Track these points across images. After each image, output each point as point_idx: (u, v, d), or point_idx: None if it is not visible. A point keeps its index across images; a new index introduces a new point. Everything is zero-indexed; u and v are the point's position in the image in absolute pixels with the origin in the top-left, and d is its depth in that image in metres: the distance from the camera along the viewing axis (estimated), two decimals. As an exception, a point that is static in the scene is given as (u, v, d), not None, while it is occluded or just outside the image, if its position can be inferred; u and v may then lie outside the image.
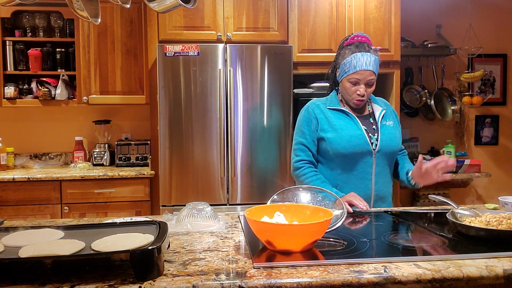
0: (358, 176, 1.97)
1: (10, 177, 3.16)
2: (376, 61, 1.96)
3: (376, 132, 1.99)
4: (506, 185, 4.17)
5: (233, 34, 3.24)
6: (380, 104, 2.09)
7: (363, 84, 1.94)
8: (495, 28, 4.15)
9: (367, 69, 1.92)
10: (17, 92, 3.54)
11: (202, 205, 1.69)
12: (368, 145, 1.95)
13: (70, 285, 1.07)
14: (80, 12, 1.62)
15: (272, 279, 1.12)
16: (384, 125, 2.02)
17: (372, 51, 1.97)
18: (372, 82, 1.96)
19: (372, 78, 1.95)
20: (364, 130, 1.98)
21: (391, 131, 2.02)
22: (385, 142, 1.98)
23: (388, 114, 2.08)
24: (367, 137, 1.97)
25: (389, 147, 1.99)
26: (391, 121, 2.05)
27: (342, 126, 1.98)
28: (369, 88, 1.97)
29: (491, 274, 1.16)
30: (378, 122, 2.01)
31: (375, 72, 1.96)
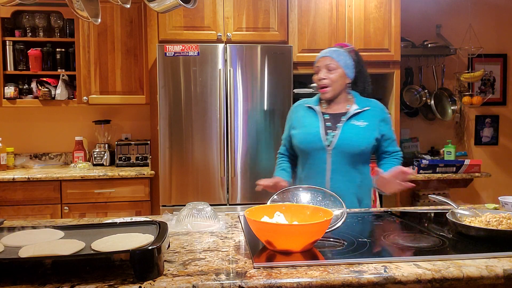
0: (314, 172, 2.03)
1: (10, 177, 3.16)
2: (339, 51, 2.02)
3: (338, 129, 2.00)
4: (506, 185, 4.17)
5: (233, 34, 3.24)
6: (363, 104, 2.06)
7: (323, 70, 2.01)
8: (495, 28, 4.15)
9: (324, 55, 2.02)
10: (17, 92, 3.53)
11: (202, 205, 1.69)
12: (321, 142, 1.99)
13: (70, 285, 1.07)
14: (80, 12, 1.62)
15: (272, 279, 1.12)
16: (351, 124, 2.01)
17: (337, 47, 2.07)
18: (332, 67, 2.00)
19: (331, 63, 2.00)
20: (323, 127, 2.01)
21: (357, 131, 1.99)
22: (342, 141, 1.98)
23: (367, 115, 2.04)
24: (323, 134, 2.00)
25: (347, 145, 1.97)
26: (365, 122, 2.02)
27: (306, 123, 2.07)
28: (330, 73, 2.00)
29: (491, 274, 1.16)
30: (345, 120, 2.01)
31: (335, 59, 2.00)
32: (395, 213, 1.89)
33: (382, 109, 2.11)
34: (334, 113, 2.05)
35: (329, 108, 2.07)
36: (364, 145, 2.00)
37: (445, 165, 3.57)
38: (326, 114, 2.05)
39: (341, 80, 2.02)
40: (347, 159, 1.98)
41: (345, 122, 2.00)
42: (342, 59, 2.01)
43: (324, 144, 1.99)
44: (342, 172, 1.99)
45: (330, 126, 2.01)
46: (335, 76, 2.00)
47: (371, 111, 2.06)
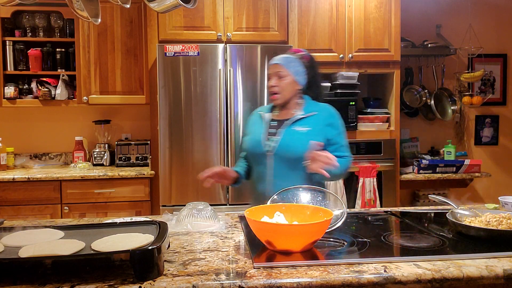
0: (259, 176, 2.07)
1: (10, 177, 3.16)
2: (290, 59, 2.04)
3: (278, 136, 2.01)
4: (506, 185, 4.17)
5: (233, 34, 3.24)
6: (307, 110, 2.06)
7: (274, 77, 2.03)
8: (495, 28, 4.15)
9: (275, 62, 2.04)
10: (17, 92, 3.53)
11: (202, 205, 1.70)
12: (261, 148, 2.01)
13: (70, 285, 1.07)
14: (80, 12, 1.62)
15: (272, 279, 1.12)
16: (292, 130, 2.01)
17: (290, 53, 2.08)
18: (282, 75, 2.01)
19: (281, 71, 2.01)
20: (266, 133, 2.04)
21: (297, 136, 1.98)
22: (282, 147, 1.98)
23: (312, 120, 2.03)
24: (264, 140, 2.02)
25: (286, 151, 1.97)
26: (308, 127, 2.01)
27: (253, 130, 2.13)
28: (280, 81, 2.02)
29: (491, 274, 1.16)
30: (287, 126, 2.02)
31: (285, 66, 2.01)
32: (395, 213, 1.89)
33: (331, 114, 2.08)
34: (280, 119, 2.07)
35: (279, 115, 2.09)
36: (304, 150, 1.95)
37: (445, 165, 3.57)
38: (274, 121, 2.08)
39: (291, 87, 2.03)
40: (287, 164, 1.98)
41: (286, 128, 2.01)
42: (292, 66, 2.03)
43: (265, 150, 2.00)
44: (283, 177, 1.98)
45: (273, 132, 2.04)
46: (284, 83, 2.02)
47: (318, 116, 2.04)
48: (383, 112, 3.51)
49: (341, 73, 3.34)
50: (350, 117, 3.35)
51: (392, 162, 3.40)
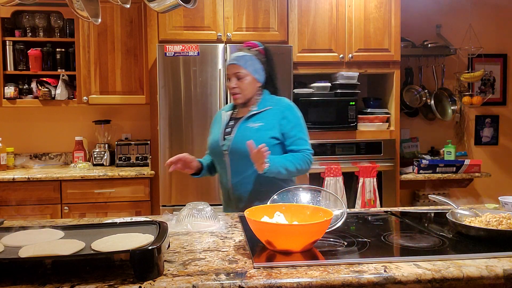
0: (221, 175, 2.11)
1: (10, 177, 3.16)
2: (247, 57, 2.01)
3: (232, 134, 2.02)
4: (506, 185, 4.17)
5: (233, 34, 3.24)
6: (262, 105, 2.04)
7: (233, 78, 2.02)
8: (495, 28, 4.15)
9: (232, 63, 2.02)
10: (17, 92, 3.53)
11: (202, 205, 1.69)
12: (219, 146, 2.03)
13: (70, 285, 1.07)
14: (80, 12, 1.62)
15: (272, 279, 1.12)
16: (244, 127, 2.01)
17: (246, 50, 2.05)
18: (241, 76, 2.00)
19: (239, 71, 2.00)
20: (223, 131, 2.05)
21: (249, 132, 1.97)
22: (235, 144, 1.98)
23: (265, 114, 2.02)
24: (221, 139, 2.04)
25: (239, 148, 1.95)
26: (261, 123, 2.00)
27: (213, 129, 2.15)
28: (240, 82, 2.01)
29: (491, 274, 1.16)
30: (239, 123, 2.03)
31: (243, 66, 2.00)
32: (395, 213, 1.89)
33: (286, 108, 2.05)
34: (238, 117, 2.07)
35: (238, 112, 2.10)
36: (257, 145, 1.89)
37: (445, 165, 3.57)
38: (232, 119, 2.09)
39: (251, 86, 2.03)
40: (244, 161, 1.94)
41: (239, 125, 2.02)
42: (251, 65, 2.01)
43: (221, 149, 2.02)
44: (241, 175, 2.00)
45: (229, 131, 2.04)
46: (244, 84, 2.01)
47: (272, 110, 2.03)
48: (383, 112, 3.51)
49: (341, 73, 3.34)
50: (350, 117, 3.35)
51: (392, 162, 3.40)
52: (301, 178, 3.24)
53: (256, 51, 2.06)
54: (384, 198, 3.38)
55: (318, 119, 3.31)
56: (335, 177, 3.25)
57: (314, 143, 3.28)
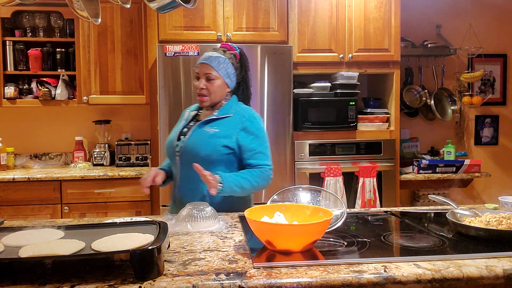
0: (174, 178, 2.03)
1: (10, 177, 3.16)
2: (221, 59, 1.94)
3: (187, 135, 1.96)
4: (506, 185, 4.17)
5: (233, 34, 3.24)
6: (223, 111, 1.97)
7: (202, 79, 1.95)
8: (495, 28, 4.15)
9: (204, 62, 1.94)
10: (17, 92, 3.53)
11: (202, 205, 1.69)
12: (173, 146, 1.97)
13: (70, 285, 1.07)
14: (80, 12, 1.62)
15: (272, 279, 1.12)
16: (200, 130, 1.94)
17: (220, 51, 1.98)
18: (211, 77, 1.93)
19: (209, 72, 1.92)
20: (179, 132, 2.00)
21: (203, 136, 1.91)
22: (187, 147, 1.92)
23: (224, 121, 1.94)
24: (176, 139, 1.98)
25: (190, 151, 1.90)
26: (217, 129, 1.92)
27: (174, 128, 2.08)
28: (210, 83, 1.93)
29: (491, 274, 1.16)
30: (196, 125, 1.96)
31: (216, 68, 1.92)
32: (395, 213, 1.89)
33: (248, 118, 1.95)
34: (200, 119, 2.01)
35: (203, 114, 2.03)
36: (208, 152, 1.88)
37: (445, 165, 3.57)
38: (193, 121, 2.03)
39: (220, 90, 1.95)
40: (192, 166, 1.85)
41: (195, 128, 1.96)
42: (223, 68, 1.94)
43: (175, 150, 1.96)
44: (189, 180, 1.92)
45: (185, 132, 1.98)
46: (213, 87, 1.93)
47: (232, 118, 1.95)
48: (383, 112, 3.51)
49: (341, 73, 3.34)
50: (350, 117, 3.35)
51: (392, 162, 3.40)
52: (301, 178, 3.25)
53: (231, 55, 1.99)
54: (384, 198, 3.39)
55: (318, 119, 3.31)
56: (335, 177, 3.25)
57: (314, 143, 3.29)
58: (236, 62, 2.00)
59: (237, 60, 2.00)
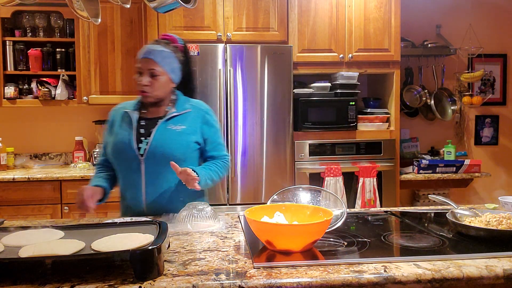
0: (130, 185, 1.86)
1: (10, 177, 3.16)
2: (165, 54, 1.83)
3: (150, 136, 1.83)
4: (506, 185, 4.17)
5: (233, 34, 3.24)
6: (180, 107, 1.90)
7: (146, 74, 1.83)
8: (495, 28, 4.15)
9: (147, 57, 1.82)
10: (17, 92, 3.53)
11: (202, 205, 1.69)
12: (133, 151, 1.81)
13: (70, 285, 1.07)
14: (80, 12, 1.63)
15: (272, 279, 1.12)
16: (166, 129, 1.84)
17: (164, 44, 1.86)
18: (156, 73, 1.82)
19: (153, 68, 1.81)
20: (136, 134, 1.84)
21: (172, 135, 1.83)
22: (155, 148, 1.80)
23: (186, 117, 1.88)
24: (135, 141, 1.82)
25: (160, 153, 1.80)
26: (183, 126, 1.86)
27: (119, 131, 1.88)
28: (154, 79, 1.83)
29: (491, 274, 1.16)
30: (158, 124, 1.85)
31: (160, 63, 1.82)
32: (395, 213, 1.89)
33: (206, 112, 1.94)
34: (151, 117, 1.88)
35: (149, 113, 1.90)
36: (181, 151, 1.83)
37: (445, 165, 3.57)
38: (143, 120, 1.88)
39: (165, 86, 1.86)
40: (161, 167, 1.81)
41: (158, 127, 1.84)
42: (168, 63, 1.84)
43: (137, 153, 1.81)
44: (159, 184, 1.83)
45: (144, 132, 1.85)
46: (158, 83, 1.83)
47: (192, 113, 1.90)
48: (383, 112, 3.51)
49: (341, 73, 3.34)
50: (350, 117, 3.35)
51: (392, 162, 3.40)
52: (301, 178, 3.25)
53: (174, 48, 1.88)
54: (384, 198, 3.39)
55: (318, 119, 3.31)
56: (335, 177, 3.25)
57: (314, 143, 3.29)
58: (181, 56, 1.90)
59: (181, 53, 1.90)
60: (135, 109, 1.92)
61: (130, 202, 1.88)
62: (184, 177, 1.73)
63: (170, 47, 1.87)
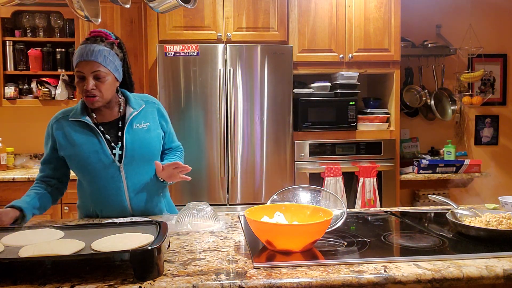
0: (111, 194, 1.77)
1: (10, 177, 3.16)
2: (106, 52, 1.70)
3: (121, 140, 1.77)
4: (506, 185, 4.17)
5: (233, 34, 3.24)
6: (135, 104, 1.84)
7: (90, 78, 1.67)
8: (495, 28, 4.14)
9: (88, 59, 1.66)
10: (17, 92, 3.54)
11: (202, 205, 1.69)
12: (110, 158, 1.74)
13: (70, 285, 1.07)
14: (80, 12, 1.62)
15: (272, 279, 1.12)
16: (133, 130, 1.79)
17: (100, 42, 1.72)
18: (102, 75, 1.69)
19: (99, 70, 1.67)
20: (105, 141, 1.75)
21: (142, 135, 1.79)
22: (132, 151, 1.76)
23: (146, 113, 1.85)
24: (109, 148, 1.74)
25: (139, 155, 1.77)
26: (146, 123, 1.82)
27: (81, 140, 1.75)
28: (100, 82, 1.69)
29: (491, 274, 1.16)
30: (125, 126, 1.77)
31: (102, 63, 1.68)
32: (395, 213, 1.89)
33: (157, 104, 1.92)
34: (109, 121, 1.79)
35: (102, 117, 1.80)
36: (156, 148, 1.83)
37: (445, 165, 3.57)
38: (100, 125, 1.78)
39: (112, 87, 1.75)
40: (142, 169, 1.79)
41: (126, 129, 1.77)
42: (111, 62, 1.72)
43: (114, 160, 1.74)
44: (141, 187, 1.80)
45: (111, 138, 1.76)
46: (105, 85, 1.71)
47: (147, 108, 1.86)
48: (383, 112, 3.51)
49: (341, 73, 3.35)
50: (350, 117, 3.35)
51: (392, 162, 3.40)
52: (301, 178, 3.25)
53: (111, 44, 1.75)
54: (384, 198, 3.39)
55: (318, 119, 3.31)
56: (335, 177, 3.25)
57: (314, 143, 3.29)
58: (119, 52, 1.79)
59: (119, 50, 1.79)
60: (82, 115, 1.77)
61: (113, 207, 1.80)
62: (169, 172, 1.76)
63: (107, 44, 1.73)
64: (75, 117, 1.77)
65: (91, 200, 1.83)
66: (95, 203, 1.83)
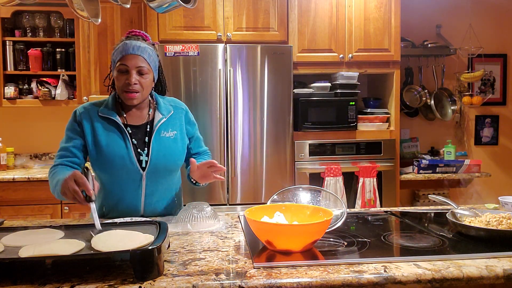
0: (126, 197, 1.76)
1: (10, 177, 3.16)
2: (149, 50, 1.72)
3: (147, 146, 1.74)
4: (506, 185, 4.17)
5: (233, 34, 3.24)
6: (164, 110, 1.81)
7: (134, 72, 1.68)
8: (495, 28, 4.15)
9: (135, 53, 1.68)
10: (17, 92, 3.53)
11: (202, 205, 1.69)
12: (135, 165, 1.71)
13: (70, 285, 1.07)
14: (80, 12, 1.62)
15: (272, 279, 1.12)
16: (160, 138, 1.76)
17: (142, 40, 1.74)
18: (145, 71, 1.69)
19: (143, 65, 1.68)
20: (132, 146, 1.72)
21: (168, 144, 1.76)
22: (157, 160, 1.73)
23: (174, 120, 1.82)
24: (135, 154, 1.71)
25: (162, 165, 1.75)
26: (174, 131, 1.79)
27: (107, 141, 1.72)
28: (143, 78, 1.69)
29: (491, 274, 1.16)
30: (153, 133, 1.75)
31: (147, 60, 1.70)
32: (395, 213, 1.89)
33: (185, 110, 1.89)
34: (137, 125, 1.76)
35: (130, 118, 1.76)
36: (180, 159, 1.82)
37: (445, 165, 3.57)
38: (129, 127, 1.75)
39: (150, 86, 1.75)
40: (163, 179, 1.79)
41: (154, 137, 1.74)
42: (153, 61, 1.73)
43: (138, 167, 1.72)
44: (158, 194, 1.80)
45: (138, 143, 1.74)
46: (146, 82, 1.70)
47: (176, 114, 1.83)
48: (383, 112, 3.51)
49: (341, 73, 3.34)
50: (350, 117, 3.35)
51: (392, 162, 3.40)
52: (301, 178, 3.25)
53: (153, 45, 1.78)
54: (384, 198, 3.39)
55: (318, 119, 3.31)
56: (335, 177, 3.25)
57: (314, 143, 3.29)
58: (157, 52, 1.80)
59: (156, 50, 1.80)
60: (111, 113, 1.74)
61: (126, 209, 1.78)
62: (203, 171, 1.73)
63: (149, 43, 1.76)
64: (105, 113, 1.74)
65: (104, 199, 1.79)
66: (107, 203, 1.79)
